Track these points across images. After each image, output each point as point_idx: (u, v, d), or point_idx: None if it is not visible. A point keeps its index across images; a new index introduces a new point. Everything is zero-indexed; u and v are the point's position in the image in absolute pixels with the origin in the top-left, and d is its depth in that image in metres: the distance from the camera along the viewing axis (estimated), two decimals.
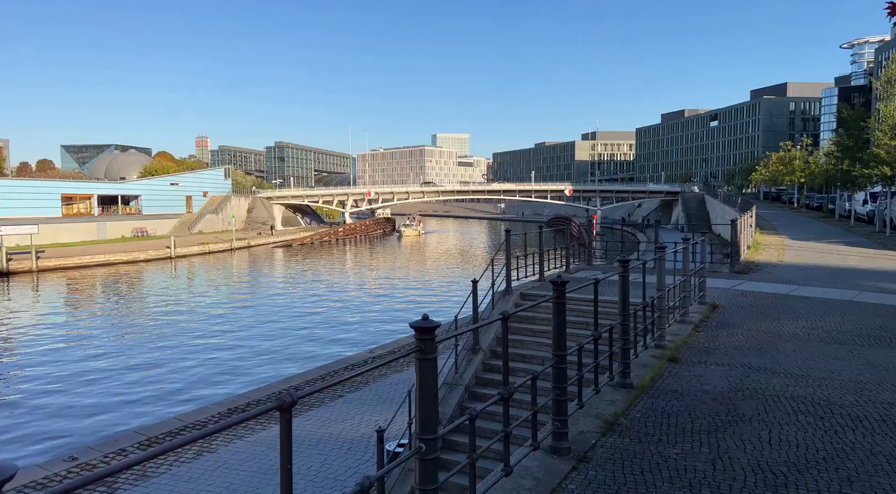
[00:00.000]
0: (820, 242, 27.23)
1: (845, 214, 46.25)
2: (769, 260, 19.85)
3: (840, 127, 45.92)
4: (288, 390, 3.01)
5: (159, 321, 31.93)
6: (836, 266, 18.84)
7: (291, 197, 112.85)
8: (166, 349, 25.05)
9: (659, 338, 8.25)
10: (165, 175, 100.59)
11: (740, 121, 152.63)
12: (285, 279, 49.28)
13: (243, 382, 19.75)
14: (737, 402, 6.00)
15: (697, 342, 8.74)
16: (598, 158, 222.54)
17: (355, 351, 22.25)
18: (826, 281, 15.34)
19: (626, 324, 6.76)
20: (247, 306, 35.75)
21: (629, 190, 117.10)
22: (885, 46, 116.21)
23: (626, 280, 6.75)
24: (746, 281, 15.13)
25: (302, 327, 29.13)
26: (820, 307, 11.70)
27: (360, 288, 42.28)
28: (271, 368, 21.66)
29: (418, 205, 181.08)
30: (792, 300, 12.51)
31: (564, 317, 5.45)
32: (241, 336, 27.05)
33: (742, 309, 11.50)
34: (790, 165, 64.54)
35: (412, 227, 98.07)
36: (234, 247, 76.03)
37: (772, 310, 11.32)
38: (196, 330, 28.92)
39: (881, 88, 29.80)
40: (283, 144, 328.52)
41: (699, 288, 11.53)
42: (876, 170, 29.82)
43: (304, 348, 24.70)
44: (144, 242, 72.52)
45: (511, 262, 14.22)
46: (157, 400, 19.01)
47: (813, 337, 9.16)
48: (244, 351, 24.16)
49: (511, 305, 13.05)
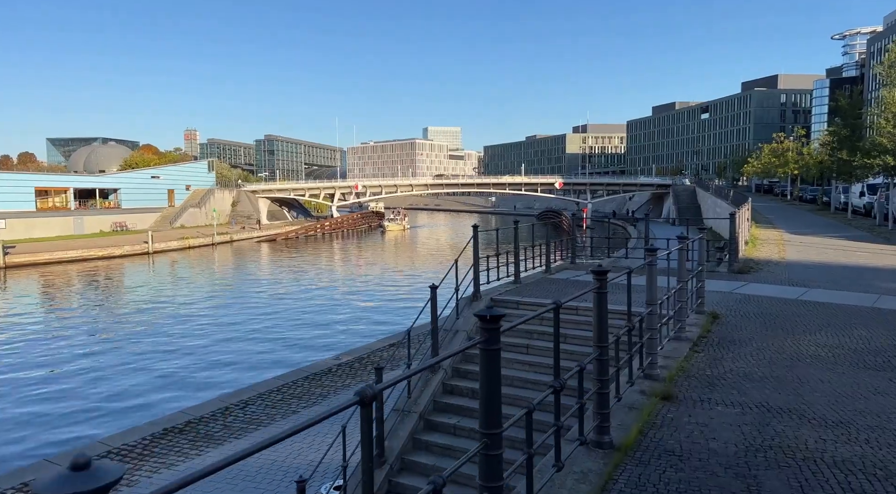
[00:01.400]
0: (820, 236, 25.65)
1: (841, 207, 44.84)
2: (769, 258, 18.19)
3: (836, 116, 44.42)
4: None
5: (122, 322, 30.02)
6: (843, 263, 17.20)
7: (277, 190, 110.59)
8: (125, 354, 23.20)
9: (649, 366, 6.50)
10: (146, 168, 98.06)
11: (731, 113, 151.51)
12: (256, 277, 47.24)
13: (191, 394, 17.91)
14: (758, 473, 4.26)
15: (698, 367, 7.00)
16: (589, 151, 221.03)
17: (320, 357, 20.43)
18: (836, 282, 13.67)
19: (603, 361, 4.99)
20: (212, 307, 33.73)
21: (619, 183, 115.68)
22: (877, 37, 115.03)
23: (604, 299, 4.99)
24: (748, 282, 13.44)
25: (261, 330, 27.19)
26: (837, 316, 10.00)
27: (327, 289, 40.00)
28: (225, 376, 19.84)
29: (409, 199, 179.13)
30: (803, 307, 10.80)
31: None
32: (198, 342, 25.07)
33: (747, 319, 9.78)
34: (783, 157, 63.08)
35: (396, 222, 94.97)
36: (216, 241, 73.92)
37: (782, 321, 9.60)
38: (159, 332, 27.04)
39: (884, 73, 28.21)
40: (273, 137, 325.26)
41: (697, 295, 9.80)
42: (878, 160, 28.25)
43: (261, 355, 22.74)
44: (122, 237, 70.31)
45: (486, 262, 12.45)
46: (110, 412, 17.26)
47: (839, 358, 7.44)
48: (195, 359, 22.23)
49: None
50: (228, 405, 15.51)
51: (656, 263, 6.55)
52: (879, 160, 28.22)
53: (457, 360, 10.28)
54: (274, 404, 15.78)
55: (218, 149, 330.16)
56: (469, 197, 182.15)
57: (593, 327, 5.07)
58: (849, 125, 40.46)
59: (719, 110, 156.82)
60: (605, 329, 4.98)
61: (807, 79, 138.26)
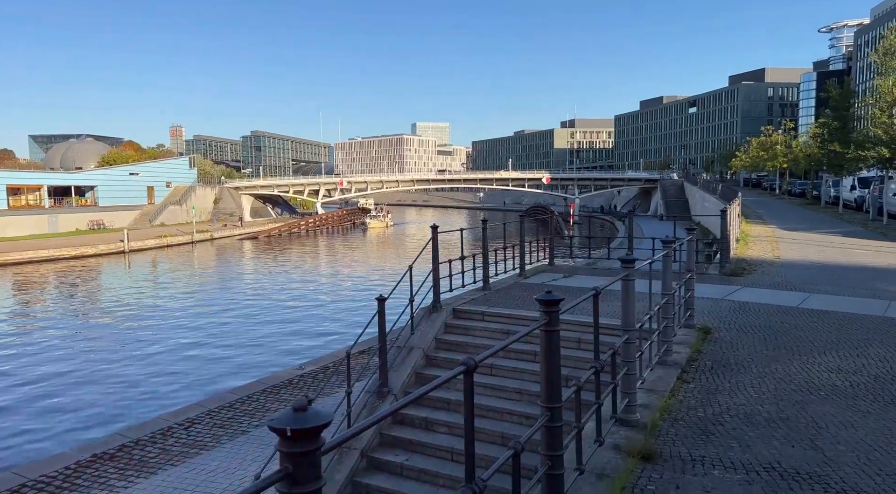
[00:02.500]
0: (813, 233, 24.46)
1: (831, 201, 43.86)
2: (763, 257, 16.92)
3: (826, 107, 43.35)
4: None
5: (76, 327, 28.32)
6: (842, 263, 15.96)
7: (260, 187, 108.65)
8: (74, 363, 21.58)
9: (626, 410, 5.12)
10: (125, 165, 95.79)
11: (719, 107, 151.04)
12: (228, 277, 45.42)
13: (136, 411, 16.39)
14: None
15: (688, 406, 5.63)
16: (578, 146, 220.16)
17: (283, 366, 18.95)
18: (838, 285, 12.39)
19: (553, 429, 3.57)
20: (176, 309, 31.92)
21: (607, 178, 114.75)
22: (864, 30, 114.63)
23: (555, 342, 3.58)
24: (741, 287, 12.11)
25: (223, 335, 25.59)
26: (847, 328, 8.68)
27: (299, 290, 38.04)
28: (176, 388, 18.32)
29: (397, 195, 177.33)
30: (806, 317, 9.48)
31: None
32: (153, 348, 23.37)
33: (744, 334, 8.43)
34: (772, 150, 62.06)
35: (378, 219, 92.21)
36: (195, 239, 72.15)
37: (784, 336, 8.26)
38: (113, 339, 25.41)
39: (879, 61, 27.06)
40: (260, 134, 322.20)
41: (686, 306, 8.44)
42: (872, 152, 27.10)
43: (219, 363, 21.20)
44: (97, 236, 68.39)
45: (449, 267, 11.02)
46: (40, 433, 15.68)
47: (860, 389, 6.10)
48: (147, 369, 20.62)
49: (440, 327, 9.87)
50: (172, 425, 13.98)
51: (633, 282, 5.16)
52: (874, 152, 27.08)
53: (408, 383, 8.87)
54: (223, 422, 14.30)
55: (204, 146, 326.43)
56: (458, 192, 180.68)
57: (541, 381, 3.66)
58: (839, 117, 39.41)
59: (707, 104, 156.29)
60: (556, 383, 3.57)
61: (794, 72, 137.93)
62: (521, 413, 8.00)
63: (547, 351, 3.74)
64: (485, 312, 10.06)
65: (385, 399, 8.45)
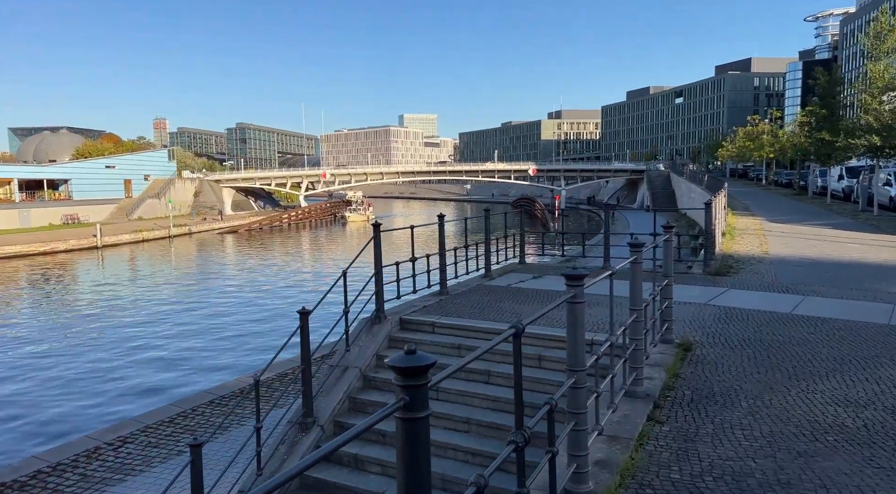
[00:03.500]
0: (802, 225, 23.36)
1: (818, 191, 42.98)
2: (751, 253, 15.71)
3: (814, 95, 42.33)
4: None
5: (22, 331, 26.58)
6: (835, 259, 14.79)
7: (242, 179, 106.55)
8: (12, 369, 20.03)
9: (573, 479, 3.80)
10: (100, 157, 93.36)
11: (705, 97, 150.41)
12: (198, 273, 43.60)
13: (64, 430, 14.93)
14: None
15: (658, 463, 4.34)
16: (565, 137, 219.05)
17: (238, 373, 17.49)
18: (835, 286, 11.19)
19: None
20: (137, 309, 30.00)
21: (594, 169, 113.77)
22: (850, 18, 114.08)
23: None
24: (727, 289, 10.87)
25: (179, 337, 23.93)
26: (850, 341, 7.44)
27: (269, 287, 36.13)
28: (115, 400, 16.77)
29: (384, 187, 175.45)
30: (802, 326, 8.24)
31: None
32: (101, 355, 21.55)
33: (730, 350, 7.16)
34: (758, 140, 61.11)
35: (359, 212, 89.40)
36: (173, 234, 70.27)
37: (778, 353, 7.01)
38: (59, 343, 23.69)
39: (869, 44, 25.94)
40: (245, 126, 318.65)
41: (662, 318, 7.16)
42: (862, 140, 26.01)
43: (169, 371, 19.55)
44: (70, 230, 66.37)
45: (396, 270, 9.67)
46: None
47: (876, 430, 4.84)
48: (91, 379, 18.98)
49: (382, 341, 8.52)
50: (99, 444, 12.58)
51: (583, 310, 3.83)
52: (864, 140, 26.00)
53: (339, 411, 7.52)
54: (159, 441, 12.90)
55: (188, 138, 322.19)
56: (445, 185, 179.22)
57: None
58: (827, 105, 38.44)
59: (693, 94, 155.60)
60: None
61: (780, 62, 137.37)
62: (468, 450, 6.70)
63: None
64: (436, 323, 8.73)
65: (309, 431, 7.11)
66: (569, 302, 3.75)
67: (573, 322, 3.77)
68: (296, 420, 7.16)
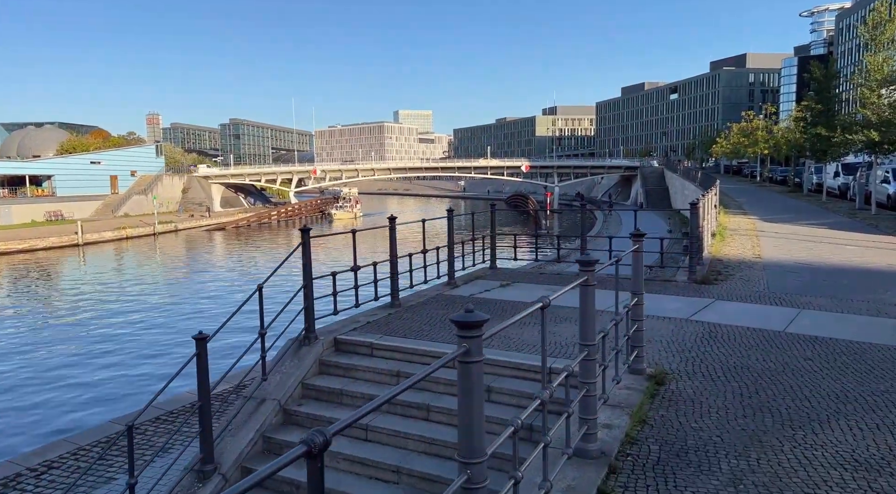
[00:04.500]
0: (798, 224, 22.24)
1: (814, 188, 41.96)
2: (742, 257, 14.56)
3: (810, 89, 41.24)
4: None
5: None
6: (833, 264, 13.64)
7: (231, 176, 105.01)
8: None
9: None
10: (85, 153, 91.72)
11: (700, 93, 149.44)
12: (167, 274, 41.93)
13: None
14: None
15: None
16: (559, 133, 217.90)
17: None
18: (833, 296, 10.04)
19: None
20: (88, 319, 27.38)
21: (587, 165, 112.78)
22: (846, 13, 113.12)
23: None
24: (714, 300, 9.70)
25: (100, 356, 20.70)
26: (855, 370, 6.28)
27: (226, 293, 32.99)
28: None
29: (378, 184, 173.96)
30: (797, 349, 7.07)
31: None
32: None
33: (712, 383, 5.99)
34: (753, 136, 60.02)
35: (346, 210, 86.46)
36: (158, 231, 68.89)
37: (768, 387, 5.84)
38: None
39: (868, 35, 24.81)
40: (238, 122, 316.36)
41: (631, 344, 5.98)
42: (860, 136, 24.89)
43: (60, 403, 16.29)
44: (51, 227, 64.95)
45: (333, 281, 8.46)
46: None
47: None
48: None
49: (310, 365, 7.31)
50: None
51: (473, 372, 2.69)
52: (862, 135, 24.87)
53: (251, 455, 6.31)
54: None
55: (182, 134, 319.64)
56: (440, 181, 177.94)
57: None
58: (823, 99, 37.34)
59: (688, 90, 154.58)
60: None
61: (775, 58, 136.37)
62: None
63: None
64: (374, 344, 7.53)
65: (208, 481, 5.91)
66: (461, 364, 2.60)
67: (465, 400, 2.61)
68: (192, 468, 5.96)
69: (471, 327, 2.69)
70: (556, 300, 4.24)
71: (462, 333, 2.69)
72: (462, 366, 2.73)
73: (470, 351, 2.66)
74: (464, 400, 2.75)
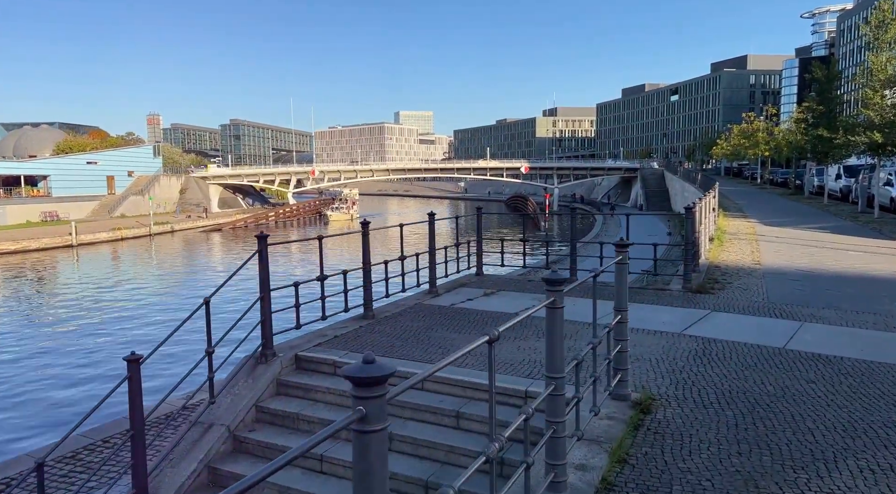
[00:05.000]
0: (799, 228, 21.61)
1: (815, 191, 41.33)
2: (741, 263, 13.93)
3: (811, 90, 40.62)
4: None
5: None
6: (836, 271, 13.01)
7: (229, 176, 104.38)
8: None
9: None
10: (82, 153, 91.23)
11: (701, 94, 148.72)
12: (152, 276, 41.34)
13: None
14: None
15: None
16: (560, 135, 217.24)
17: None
18: (837, 306, 9.42)
19: None
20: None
21: (587, 167, 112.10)
22: (847, 14, 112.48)
23: None
24: (709, 312, 9.07)
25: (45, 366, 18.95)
26: (865, 394, 5.65)
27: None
28: None
29: (378, 185, 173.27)
30: (799, 369, 6.45)
31: None
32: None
33: (703, 412, 5.36)
34: (753, 138, 59.38)
35: (341, 211, 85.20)
36: (154, 232, 68.31)
37: (767, 417, 5.22)
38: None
39: (871, 34, 24.19)
40: (239, 122, 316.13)
41: (613, 367, 5.36)
42: (863, 137, 24.26)
43: None
44: (46, 228, 64.43)
45: (295, 292, 7.84)
46: None
47: None
48: None
49: (266, 386, 6.69)
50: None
51: None
52: (864, 137, 24.26)
53: (193, 490, 5.70)
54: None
55: (182, 134, 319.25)
56: (440, 182, 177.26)
57: None
58: (825, 100, 36.74)
59: (689, 92, 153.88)
60: None
61: (776, 59, 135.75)
62: None
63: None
64: (337, 362, 6.90)
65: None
66: None
67: (360, 468, 1.98)
68: None
69: (369, 385, 2.03)
70: (536, 313, 3.65)
71: (358, 393, 2.00)
72: (358, 438, 2.05)
73: (367, 416, 2.00)
74: (360, 485, 2.08)
